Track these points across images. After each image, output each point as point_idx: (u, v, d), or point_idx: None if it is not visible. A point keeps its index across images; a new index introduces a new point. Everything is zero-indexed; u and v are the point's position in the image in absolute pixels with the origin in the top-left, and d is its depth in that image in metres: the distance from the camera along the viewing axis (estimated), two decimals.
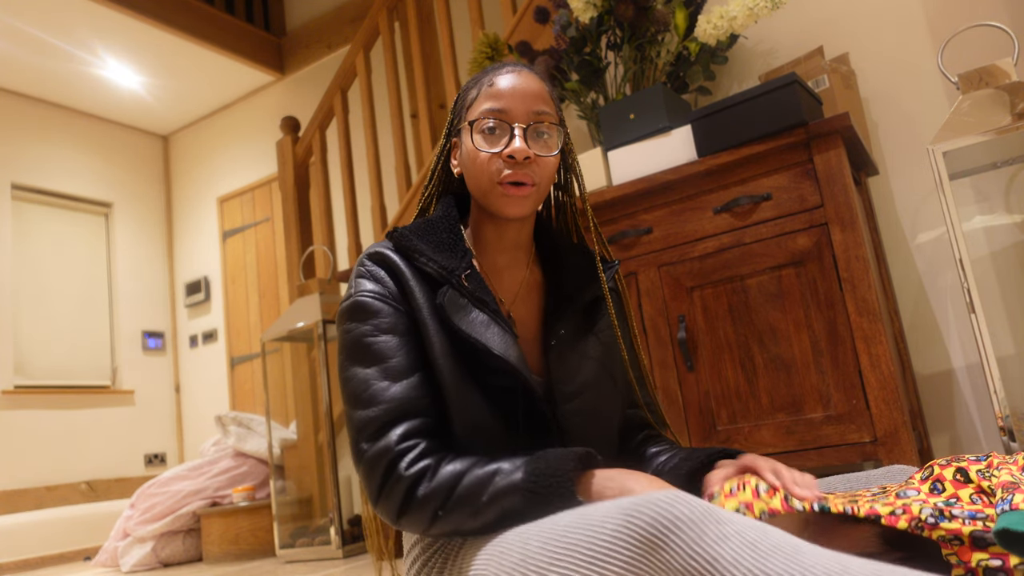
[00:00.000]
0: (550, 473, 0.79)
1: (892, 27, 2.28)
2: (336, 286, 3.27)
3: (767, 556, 0.60)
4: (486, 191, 0.96)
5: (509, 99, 0.95)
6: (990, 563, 0.67)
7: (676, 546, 0.61)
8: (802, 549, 0.60)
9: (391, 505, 0.84)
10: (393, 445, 0.85)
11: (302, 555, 2.94)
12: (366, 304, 0.92)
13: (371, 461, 0.86)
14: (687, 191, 1.93)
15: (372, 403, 0.87)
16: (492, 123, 0.95)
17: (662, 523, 0.63)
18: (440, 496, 0.82)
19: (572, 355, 0.99)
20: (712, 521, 0.62)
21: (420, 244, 0.95)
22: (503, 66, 1.00)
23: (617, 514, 0.66)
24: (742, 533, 0.61)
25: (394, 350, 0.90)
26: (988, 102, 1.73)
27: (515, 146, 0.93)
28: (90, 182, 5.24)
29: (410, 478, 0.83)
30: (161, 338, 5.43)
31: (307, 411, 3.23)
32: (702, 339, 1.88)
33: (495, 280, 1.02)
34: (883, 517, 0.73)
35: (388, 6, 3.25)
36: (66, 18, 4.25)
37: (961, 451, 2.10)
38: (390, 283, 0.94)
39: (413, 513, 0.84)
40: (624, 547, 0.64)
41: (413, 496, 0.83)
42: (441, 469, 0.84)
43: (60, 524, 4.14)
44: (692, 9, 2.28)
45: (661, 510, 0.63)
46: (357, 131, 4.26)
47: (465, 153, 0.98)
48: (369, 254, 0.97)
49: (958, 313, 2.13)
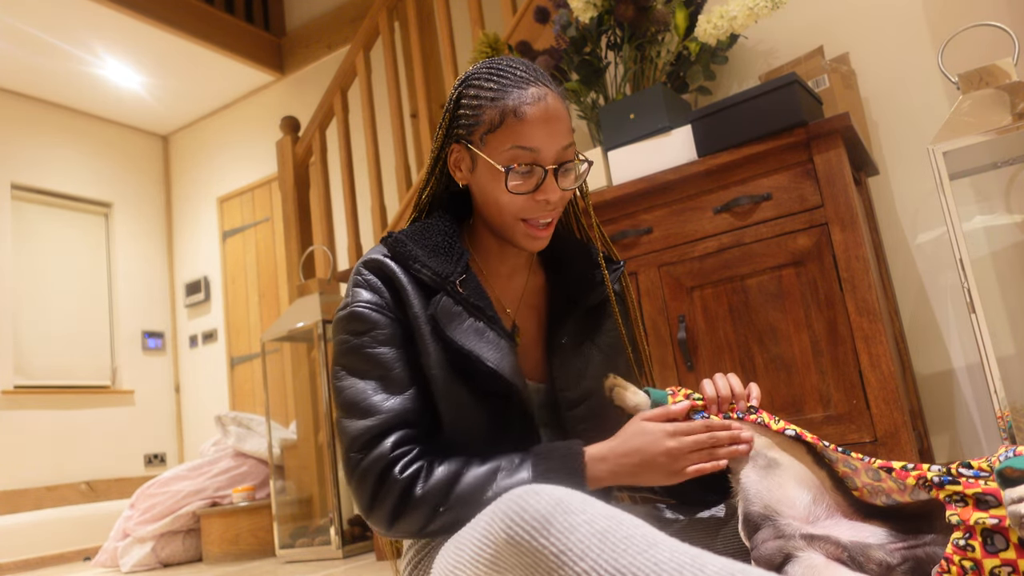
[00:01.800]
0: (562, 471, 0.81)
1: (892, 27, 2.28)
2: (336, 286, 3.26)
3: (617, 548, 0.58)
4: (506, 224, 0.94)
5: (541, 138, 0.89)
6: (988, 522, 0.68)
7: (527, 540, 0.62)
8: (657, 542, 0.59)
9: (385, 510, 0.84)
10: (387, 452, 0.85)
11: (302, 555, 2.94)
12: (363, 315, 0.91)
13: (364, 470, 0.85)
14: (687, 191, 1.93)
15: (368, 414, 0.87)
16: (526, 168, 0.90)
17: (511, 518, 0.64)
18: (439, 493, 0.82)
19: (576, 360, 0.98)
20: (561, 512, 0.62)
21: (415, 250, 0.93)
22: (525, 85, 0.90)
23: (485, 514, 0.70)
24: (592, 523, 0.60)
25: (391, 362, 0.90)
26: (988, 102, 1.73)
27: (550, 192, 0.91)
28: (90, 182, 5.23)
29: (405, 480, 0.83)
30: (161, 338, 5.43)
31: (307, 411, 3.23)
32: (702, 339, 1.88)
33: (497, 286, 1.01)
34: (895, 470, 0.75)
35: (388, 6, 3.25)
36: (66, 18, 4.25)
37: (961, 451, 2.10)
38: (386, 293, 0.93)
39: (409, 514, 0.83)
40: (487, 544, 0.66)
41: (409, 497, 0.83)
42: (436, 469, 0.84)
43: (60, 524, 4.14)
44: (692, 9, 2.28)
45: (512, 505, 0.64)
46: (357, 131, 4.25)
47: (485, 181, 0.93)
48: (365, 262, 0.95)
49: (958, 313, 2.13)
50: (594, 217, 1.07)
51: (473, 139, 0.92)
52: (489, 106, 0.90)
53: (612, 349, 1.02)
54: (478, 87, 0.93)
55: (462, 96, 0.95)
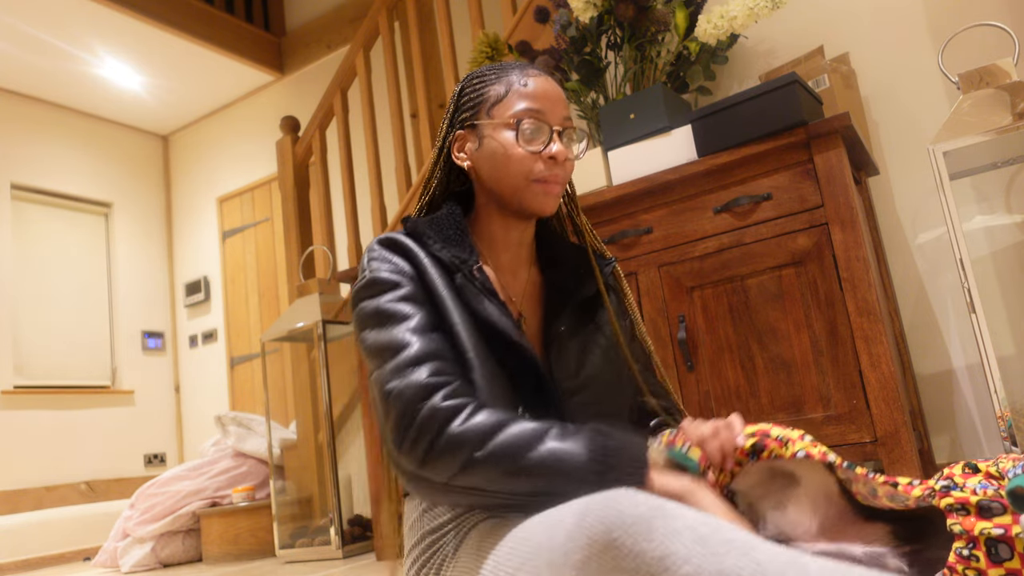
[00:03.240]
0: (623, 456, 0.77)
1: (892, 27, 2.28)
2: (336, 286, 3.26)
3: (718, 551, 0.58)
4: (518, 187, 0.96)
5: (545, 101, 0.97)
6: (992, 532, 0.67)
7: (626, 544, 0.61)
8: (756, 545, 0.59)
9: (422, 441, 0.78)
10: (425, 378, 0.81)
11: (302, 555, 2.94)
12: (381, 279, 0.91)
13: (400, 395, 0.81)
14: (687, 191, 1.93)
15: (400, 350, 0.84)
16: (533, 124, 0.96)
17: (611, 521, 0.62)
18: (477, 438, 0.77)
19: (572, 351, 0.99)
20: (661, 516, 0.61)
21: (433, 234, 0.97)
22: (526, 67, 1.00)
23: (570, 515, 0.67)
24: (693, 528, 0.60)
25: (415, 311, 0.89)
26: (988, 102, 1.73)
27: (557, 148, 0.96)
28: (90, 182, 5.23)
29: (447, 409, 0.79)
30: (161, 338, 5.43)
31: (307, 411, 3.23)
32: (702, 339, 1.88)
33: (501, 278, 1.02)
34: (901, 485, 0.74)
35: (388, 6, 3.25)
36: (66, 18, 4.25)
37: (961, 451, 2.10)
38: (404, 263, 0.94)
39: (443, 454, 0.78)
40: (578, 548, 0.64)
41: (445, 431, 0.78)
42: (480, 411, 0.80)
43: (60, 524, 4.14)
44: (692, 9, 2.28)
45: (609, 508, 0.63)
46: (357, 131, 4.26)
47: (493, 148, 0.97)
48: (380, 240, 0.97)
49: (958, 313, 2.13)
50: (584, 218, 1.11)
51: (479, 115, 0.99)
52: (495, 83, 0.99)
53: (608, 341, 1.03)
54: (481, 76, 1.01)
55: (465, 87, 1.02)
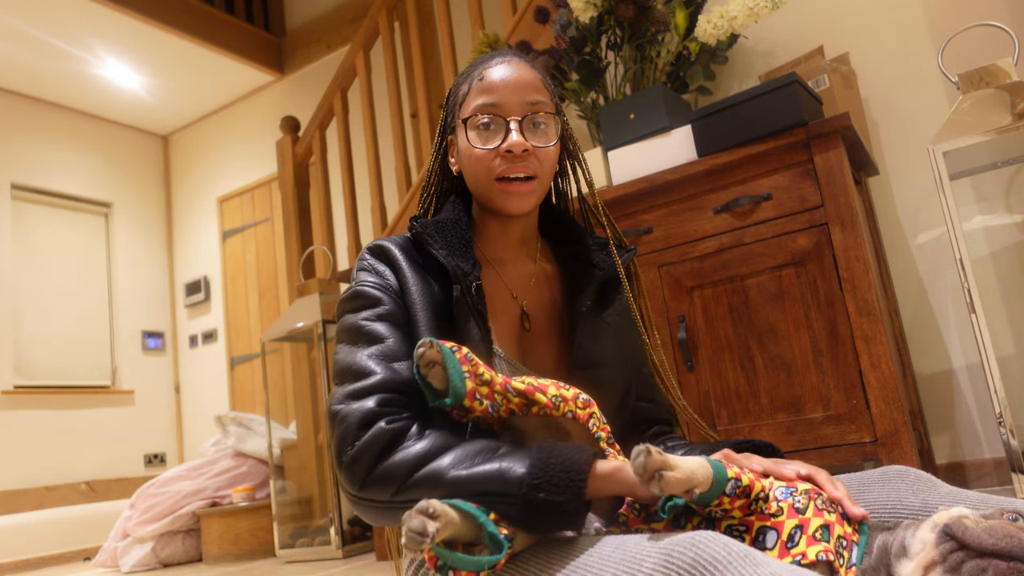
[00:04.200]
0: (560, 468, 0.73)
1: (892, 27, 2.28)
2: (336, 286, 3.26)
3: None
4: (485, 189, 0.95)
5: (501, 91, 0.93)
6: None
7: None
8: None
9: (362, 462, 0.78)
10: (374, 406, 0.81)
11: (302, 555, 2.94)
12: (365, 292, 0.92)
13: (344, 418, 0.81)
14: (687, 191, 1.93)
15: (359, 377, 0.84)
16: (486, 119, 0.92)
17: (701, 563, 0.61)
18: (411, 465, 0.76)
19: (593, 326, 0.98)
20: (750, 563, 0.60)
21: (439, 237, 0.95)
22: (492, 57, 0.97)
23: (656, 552, 0.65)
24: (778, 574, 0.59)
25: (389, 335, 0.89)
26: (988, 102, 1.73)
27: (512, 140, 0.91)
28: (90, 182, 5.23)
29: (391, 432, 0.79)
30: (161, 338, 5.43)
31: (307, 411, 3.23)
32: (702, 339, 1.88)
33: (504, 273, 1.01)
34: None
35: (388, 6, 3.25)
36: (66, 18, 4.25)
37: (961, 451, 2.10)
38: (390, 276, 0.94)
39: (381, 476, 0.77)
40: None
41: (389, 454, 0.78)
42: (426, 434, 0.79)
43: (60, 524, 4.14)
44: (692, 9, 2.28)
45: (700, 550, 0.62)
46: (357, 131, 4.25)
47: (461, 151, 0.97)
48: (371, 248, 0.97)
49: (958, 313, 2.13)
50: (602, 206, 1.07)
51: (455, 119, 0.98)
52: (462, 82, 0.98)
53: (620, 327, 1.02)
54: (458, 76, 1.01)
55: (449, 90, 1.02)
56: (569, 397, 0.83)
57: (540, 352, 0.99)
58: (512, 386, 0.81)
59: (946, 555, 0.63)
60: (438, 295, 0.92)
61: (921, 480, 0.86)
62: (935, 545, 0.65)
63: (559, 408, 0.81)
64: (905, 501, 0.85)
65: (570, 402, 0.82)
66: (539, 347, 0.99)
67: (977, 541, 0.62)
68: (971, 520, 0.65)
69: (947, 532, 0.64)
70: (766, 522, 0.71)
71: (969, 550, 0.63)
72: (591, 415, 0.83)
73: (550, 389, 0.82)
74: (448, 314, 0.92)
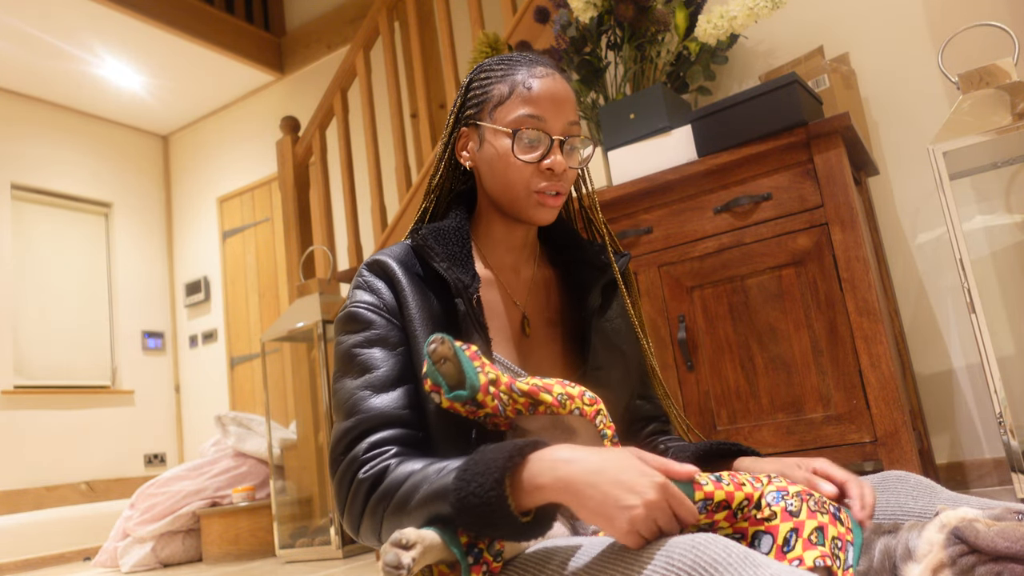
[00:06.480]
0: (480, 471, 0.71)
1: (892, 27, 2.28)
2: (336, 286, 3.26)
3: None
4: (518, 197, 0.95)
5: (547, 107, 0.93)
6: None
7: None
8: None
9: (353, 513, 0.83)
10: (360, 454, 0.84)
11: (302, 555, 2.94)
12: (358, 315, 0.93)
13: (341, 472, 0.86)
14: (687, 191, 1.93)
15: (352, 414, 0.87)
16: (533, 134, 0.93)
17: (701, 565, 0.61)
18: (387, 498, 0.80)
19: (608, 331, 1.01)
20: (750, 565, 0.60)
21: (439, 248, 0.95)
22: (534, 64, 0.96)
23: (656, 554, 0.64)
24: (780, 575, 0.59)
25: (381, 362, 0.89)
26: (988, 102, 1.73)
27: (556, 159, 0.93)
28: (90, 182, 5.23)
29: (368, 481, 0.82)
30: (161, 338, 5.43)
31: (307, 411, 3.23)
32: (702, 339, 1.88)
33: (505, 279, 1.02)
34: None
35: (388, 6, 3.25)
36: (66, 18, 4.25)
37: (961, 451, 2.10)
38: (387, 294, 0.93)
39: (367, 520, 0.82)
40: None
41: (368, 501, 0.82)
42: (396, 470, 0.81)
43: (60, 524, 4.14)
44: (692, 9, 2.28)
45: (700, 552, 0.62)
46: (357, 131, 4.25)
47: (492, 154, 0.95)
48: (369, 264, 0.97)
49: (958, 313, 2.13)
50: (600, 215, 1.08)
51: (482, 115, 0.96)
52: (499, 81, 0.96)
53: (617, 333, 1.03)
54: (489, 70, 0.98)
55: (472, 81, 0.99)
56: (575, 395, 0.83)
57: (539, 356, 0.99)
58: (516, 387, 0.82)
59: (956, 558, 0.62)
60: (437, 309, 0.93)
61: (921, 485, 0.86)
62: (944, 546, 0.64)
63: (565, 406, 0.82)
64: (905, 507, 0.85)
65: (576, 399, 0.83)
66: (538, 352, 0.99)
67: (991, 544, 0.61)
68: (982, 523, 0.63)
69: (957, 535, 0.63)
70: (760, 527, 0.71)
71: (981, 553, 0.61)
72: (598, 411, 0.84)
73: (555, 388, 0.83)
74: (448, 327, 0.92)
